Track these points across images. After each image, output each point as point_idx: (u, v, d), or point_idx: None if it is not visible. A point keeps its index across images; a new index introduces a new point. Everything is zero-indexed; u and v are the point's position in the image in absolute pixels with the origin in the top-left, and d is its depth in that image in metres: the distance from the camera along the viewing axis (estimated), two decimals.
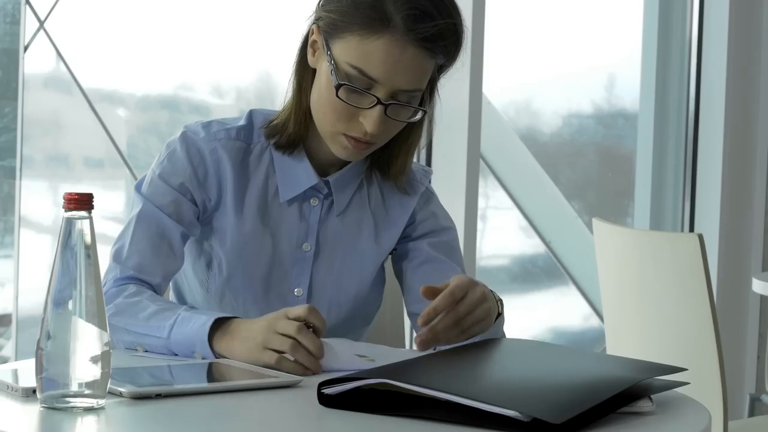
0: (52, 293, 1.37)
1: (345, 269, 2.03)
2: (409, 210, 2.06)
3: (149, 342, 1.82)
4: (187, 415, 1.42)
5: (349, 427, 1.36)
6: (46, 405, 1.38)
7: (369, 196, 2.04)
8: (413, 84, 1.86)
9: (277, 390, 1.55)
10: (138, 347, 1.83)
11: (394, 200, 2.06)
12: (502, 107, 4.58)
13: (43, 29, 4.11)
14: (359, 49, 1.85)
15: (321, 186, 2.00)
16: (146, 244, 1.93)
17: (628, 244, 2.91)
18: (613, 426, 1.41)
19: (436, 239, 2.06)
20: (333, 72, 1.86)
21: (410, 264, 2.06)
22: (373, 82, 1.85)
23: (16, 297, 4.15)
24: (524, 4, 4.60)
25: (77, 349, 1.36)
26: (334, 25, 1.87)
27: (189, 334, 1.77)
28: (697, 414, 1.52)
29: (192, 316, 1.79)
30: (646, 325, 2.82)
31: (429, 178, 2.10)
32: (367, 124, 1.86)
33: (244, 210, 1.98)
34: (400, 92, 1.86)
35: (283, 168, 1.99)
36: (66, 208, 1.38)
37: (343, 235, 2.02)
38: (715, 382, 2.64)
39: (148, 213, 1.95)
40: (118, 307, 1.85)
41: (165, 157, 1.98)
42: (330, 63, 1.87)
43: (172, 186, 1.96)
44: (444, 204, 2.13)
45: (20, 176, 4.08)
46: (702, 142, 4.60)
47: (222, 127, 1.98)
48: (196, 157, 1.97)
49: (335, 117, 1.88)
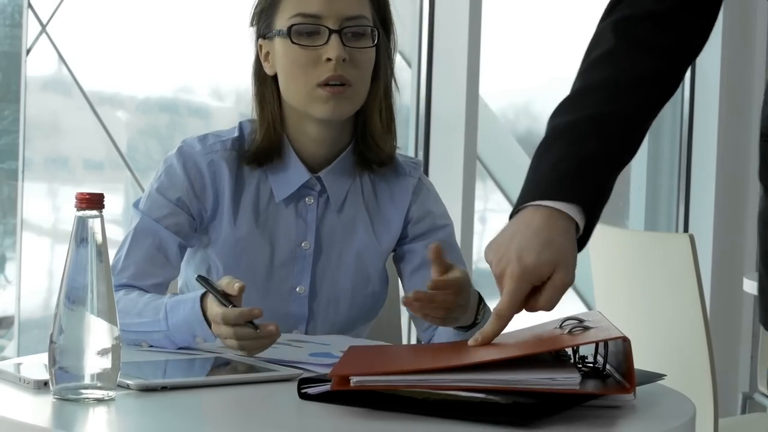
0: (64, 289, 1.43)
1: (345, 265, 2.07)
2: (404, 206, 2.11)
3: (151, 338, 1.87)
4: (191, 407, 1.47)
5: (351, 417, 1.41)
6: (58, 396, 1.43)
7: (363, 193, 2.09)
8: (355, 9, 1.99)
9: (276, 383, 1.60)
10: (142, 343, 1.88)
11: (387, 195, 2.11)
12: (501, 110, 4.60)
13: (45, 32, 4.13)
14: (292, 2, 1.98)
15: (314, 183, 2.05)
16: (142, 257, 1.99)
17: (621, 244, 2.94)
18: (596, 418, 1.43)
19: (432, 239, 2.09)
20: (284, 33, 1.98)
21: (408, 267, 2.11)
22: (317, 19, 1.97)
23: (18, 299, 4.16)
24: (525, 6, 4.62)
25: (89, 343, 1.42)
26: (267, 14, 2.02)
27: (186, 317, 1.82)
28: (682, 405, 1.54)
29: (179, 300, 1.85)
30: (638, 324, 2.83)
31: (419, 170, 2.14)
32: (331, 54, 1.96)
33: (240, 216, 2.03)
34: (346, 20, 1.98)
35: (275, 171, 2.05)
36: (78, 208, 1.44)
37: (341, 232, 2.07)
38: (706, 380, 2.66)
39: (145, 227, 2.01)
40: None
41: (162, 172, 2.03)
42: (279, 34, 2.00)
43: (170, 200, 2.01)
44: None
45: (22, 178, 4.09)
46: (696, 144, 4.62)
47: (218, 140, 2.05)
48: (193, 171, 2.03)
49: (303, 72, 1.98)
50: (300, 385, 1.49)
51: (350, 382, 1.41)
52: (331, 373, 1.44)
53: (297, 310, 2.06)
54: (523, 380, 1.40)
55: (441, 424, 1.38)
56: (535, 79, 4.63)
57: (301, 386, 1.48)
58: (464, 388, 1.40)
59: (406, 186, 2.11)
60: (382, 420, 1.40)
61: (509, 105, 4.70)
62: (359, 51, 1.99)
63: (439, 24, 3.97)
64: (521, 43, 4.56)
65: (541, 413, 1.38)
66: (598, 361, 1.53)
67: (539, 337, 1.54)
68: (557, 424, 1.38)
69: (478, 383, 1.40)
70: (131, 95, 4.28)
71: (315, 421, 1.43)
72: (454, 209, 3.82)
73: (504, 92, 4.57)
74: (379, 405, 1.42)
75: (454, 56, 3.91)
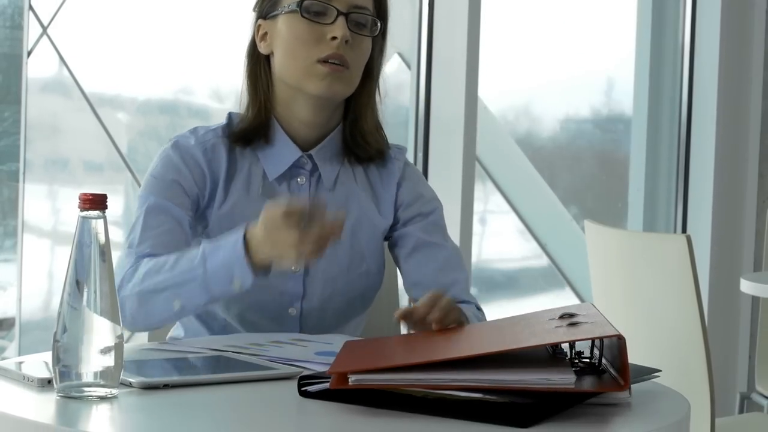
0: (67, 289, 1.45)
1: (338, 244, 2.06)
2: (393, 187, 2.16)
3: (186, 290, 1.88)
4: (193, 404, 1.49)
5: (350, 415, 1.43)
6: (62, 394, 1.45)
7: (354, 174, 2.14)
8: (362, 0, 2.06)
9: (277, 381, 1.62)
10: (175, 302, 1.89)
11: (376, 177, 2.16)
12: (501, 112, 4.61)
13: (46, 34, 4.15)
14: None
15: (305, 161, 2.10)
16: (159, 230, 2.00)
17: (619, 245, 2.95)
18: (592, 416, 1.45)
19: (423, 222, 2.16)
20: (293, 7, 2.04)
21: (402, 251, 2.16)
22: (328, 0, 2.03)
23: (19, 299, 4.18)
24: (525, 8, 4.63)
25: (92, 341, 1.44)
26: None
27: (225, 259, 1.84)
28: (677, 403, 1.56)
29: (219, 244, 1.87)
30: (636, 324, 2.84)
31: (404, 154, 2.20)
32: (336, 32, 2.03)
33: (233, 196, 2.07)
34: (354, 6, 2.06)
35: (265, 151, 2.09)
36: (81, 208, 1.46)
37: (334, 209, 2.08)
38: (703, 379, 2.67)
39: (156, 205, 2.02)
40: (141, 277, 1.92)
41: (158, 163, 2.07)
42: (286, 10, 2.05)
43: (168, 181, 2.04)
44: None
45: (23, 180, 4.11)
46: (694, 145, 4.63)
47: (208, 129, 2.10)
48: (191, 161, 2.06)
49: (305, 48, 2.04)
50: (300, 382, 1.51)
51: (348, 380, 1.43)
52: (329, 370, 1.46)
53: (292, 288, 2.08)
54: (520, 380, 1.43)
55: (439, 423, 1.40)
56: (535, 80, 4.65)
57: (301, 384, 1.51)
58: (462, 387, 1.42)
59: (393, 169, 2.17)
60: (381, 418, 1.42)
61: (509, 106, 4.72)
62: (360, 37, 2.06)
63: (439, 26, 3.98)
64: (521, 45, 4.58)
65: (538, 414, 1.40)
66: (594, 356, 1.55)
67: (533, 330, 1.56)
68: (553, 422, 1.40)
69: (476, 383, 1.42)
70: (132, 97, 4.30)
71: (315, 418, 1.45)
72: (453, 210, 3.83)
73: (504, 94, 4.59)
74: (378, 403, 1.44)
75: (454, 58, 3.93)
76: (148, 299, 1.90)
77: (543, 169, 4.65)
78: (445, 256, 2.14)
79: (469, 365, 1.45)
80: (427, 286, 2.06)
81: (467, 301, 2.10)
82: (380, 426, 1.40)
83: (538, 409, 1.40)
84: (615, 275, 2.98)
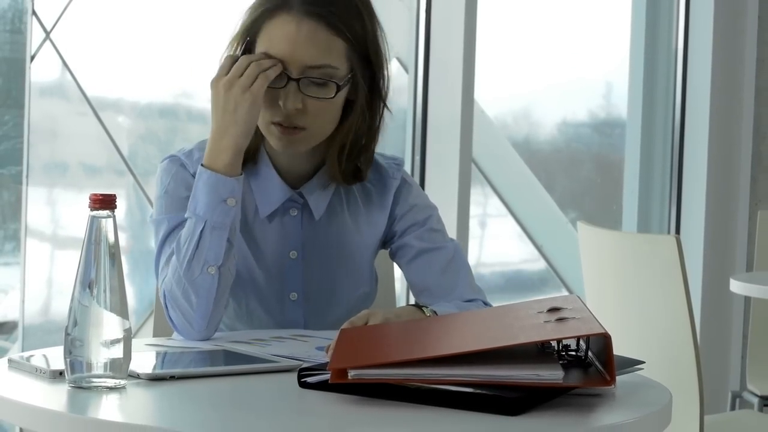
0: (78, 285, 1.52)
1: (334, 271, 2.13)
2: (387, 207, 2.16)
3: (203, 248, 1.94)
4: (198, 395, 1.55)
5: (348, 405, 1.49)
6: (73, 385, 1.52)
7: (347, 200, 2.14)
8: (319, 58, 1.98)
9: (278, 373, 1.68)
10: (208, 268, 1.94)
11: (370, 196, 2.16)
12: (499, 116, 4.62)
13: (49, 39, 4.18)
14: (265, 35, 2.01)
15: (296, 197, 2.10)
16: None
17: (611, 245, 2.97)
18: (577, 406, 1.50)
19: (420, 230, 2.16)
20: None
21: (403, 260, 2.18)
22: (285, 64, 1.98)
23: (22, 302, 4.20)
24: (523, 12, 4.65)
25: (101, 335, 1.51)
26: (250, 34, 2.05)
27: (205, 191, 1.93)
28: (659, 394, 1.61)
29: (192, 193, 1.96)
30: (628, 324, 2.87)
31: (401, 169, 2.19)
32: (283, 102, 1.98)
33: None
34: (308, 68, 1.98)
35: (257, 186, 2.09)
36: (92, 208, 1.53)
37: (328, 239, 2.12)
38: (692, 378, 2.68)
39: (174, 228, 2.02)
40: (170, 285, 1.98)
41: (166, 178, 2.07)
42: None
43: (181, 197, 2.04)
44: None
45: (26, 183, 4.13)
46: (688, 149, 4.66)
47: (201, 154, 2.05)
48: (192, 178, 2.05)
49: (263, 108, 1.99)
50: (300, 374, 1.58)
51: (348, 375, 1.50)
52: (329, 366, 1.53)
53: (292, 316, 2.11)
54: (510, 376, 1.49)
55: (433, 411, 1.46)
56: (533, 85, 4.67)
57: (301, 376, 1.57)
58: (455, 382, 1.49)
59: (389, 187, 2.16)
60: (378, 407, 1.48)
61: (508, 111, 4.72)
62: (316, 100, 1.99)
63: (436, 30, 4.01)
64: (519, 50, 4.59)
65: (525, 406, 1.46)
66: (581, 349, 1.62)
67: (522, 325, 1.62)
68: (539, 411, 1.46)
69: (469, 378, 1.49)
70: (134, 101, 4.32)
71: (314, 408, 1.51)
72: (450, 213, 3.86)
73: (502, 98, 4.59)
74: (374, 393, 1.51)
75: (450, 62, 3.95)
76: (189, 291, 1.94)
77: (541, 173, 4.67)
78: (445, 257, 2.15)
79: (462, 361, 1.51)
80: (433, 291, 2.11)
81: (473, 299, 2.12)
82: (376, 414, 1.46)
83: (525, 401, 1.47)
84: (607, 275, 3.00)
